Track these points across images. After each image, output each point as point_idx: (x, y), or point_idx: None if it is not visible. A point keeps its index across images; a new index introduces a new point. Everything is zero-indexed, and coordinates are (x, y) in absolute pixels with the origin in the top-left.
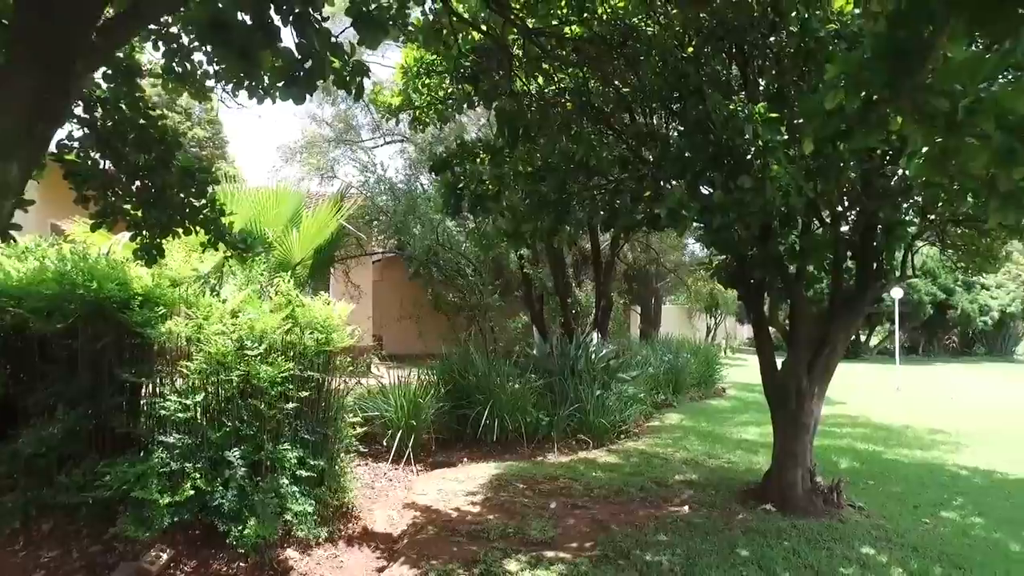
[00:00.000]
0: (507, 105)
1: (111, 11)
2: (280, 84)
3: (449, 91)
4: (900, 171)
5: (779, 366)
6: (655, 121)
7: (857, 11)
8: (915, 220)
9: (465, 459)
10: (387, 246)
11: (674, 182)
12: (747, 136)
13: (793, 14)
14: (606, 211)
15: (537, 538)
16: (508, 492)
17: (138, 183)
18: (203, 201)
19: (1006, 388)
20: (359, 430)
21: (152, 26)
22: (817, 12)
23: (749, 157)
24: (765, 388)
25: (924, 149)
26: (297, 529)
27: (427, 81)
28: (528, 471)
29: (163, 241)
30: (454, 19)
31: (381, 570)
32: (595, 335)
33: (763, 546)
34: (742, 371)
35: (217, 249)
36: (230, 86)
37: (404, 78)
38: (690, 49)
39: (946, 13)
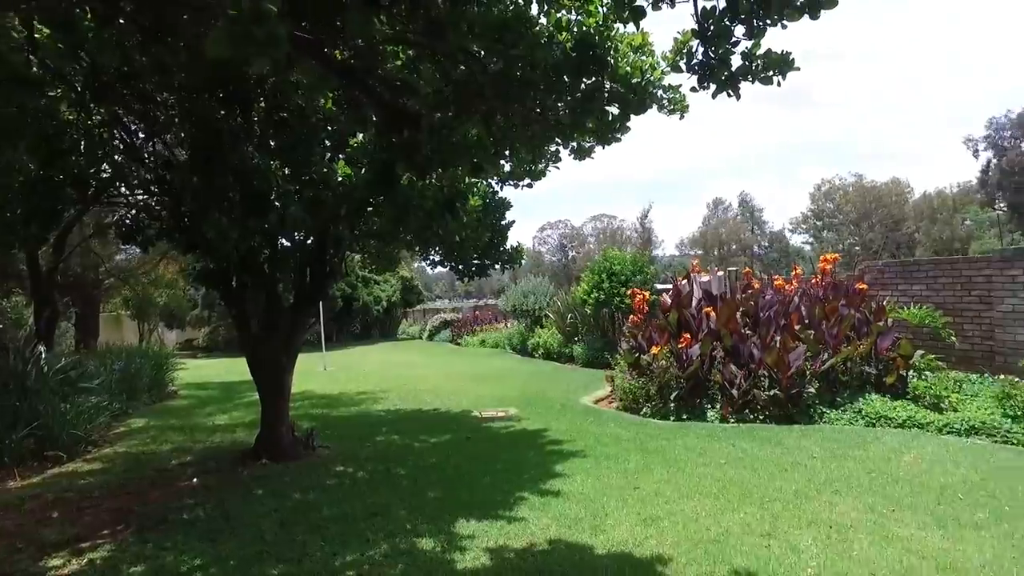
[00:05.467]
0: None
1: None
2: None
3: None
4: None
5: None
6: (183, 155)
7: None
8: (348, 235)
9: None
10: None
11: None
12: (274, 185)
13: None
14: (128, 224)
15: (60, 540)
16: None
17: None
18: None
19: (395, 359)
20: None
21: None
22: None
23: (273, 198)
24: (251, 367)
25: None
26: None
27: None
28: None
29: None
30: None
31: None
32: (41, 347)
33: (271, 484)
34: (184, 373)
35: None
36: None
37: None
38: (223, 112)
39: (399, 164)
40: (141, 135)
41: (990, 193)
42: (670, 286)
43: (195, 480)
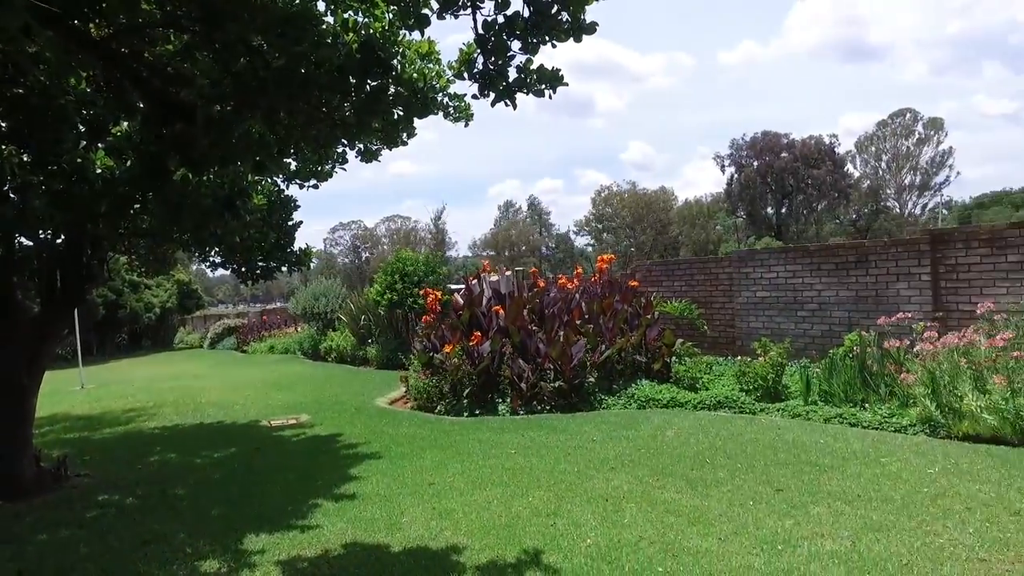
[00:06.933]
0: None
1: None
2: None
3: None
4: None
5: None
6: None
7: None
8: (111, 234)
9: None
10: None
11: None
12: (8, 174)
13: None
14: None
15: None
16: None
17: None
18: None
19: (172, 371)
20: None
21: None
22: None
23: (8, 189)
24: None
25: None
26: None
27: None
28: None
29: None
30: None
31: None
32: None
33: (5, 530)
34: None
35: None
36: None
37: None
38: None
39: (170, 158)
40: None
41: (734, 203)
42: (463, 286)
43: None
